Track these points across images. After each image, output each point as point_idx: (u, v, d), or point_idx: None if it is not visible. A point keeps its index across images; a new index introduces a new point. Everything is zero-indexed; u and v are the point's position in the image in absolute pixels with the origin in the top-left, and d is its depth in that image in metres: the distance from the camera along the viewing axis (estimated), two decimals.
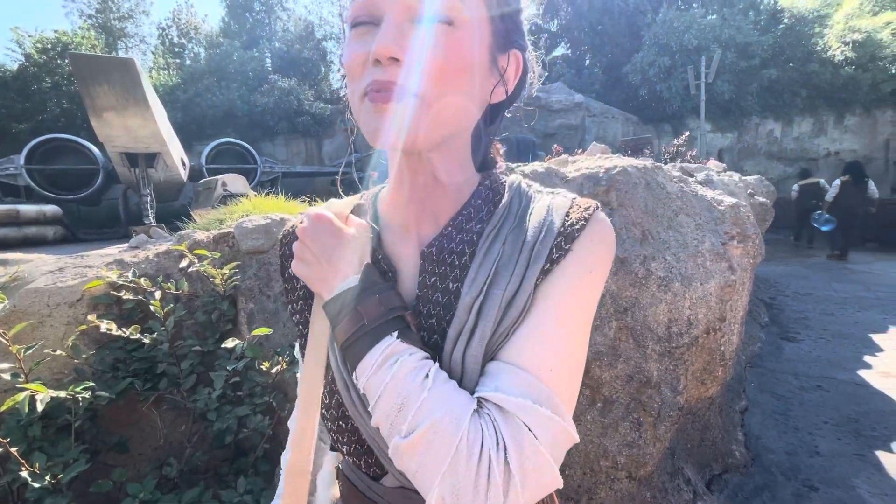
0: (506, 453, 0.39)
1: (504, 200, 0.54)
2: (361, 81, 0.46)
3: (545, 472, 0.40)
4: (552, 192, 0.56)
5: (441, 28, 0.44)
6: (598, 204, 0.53)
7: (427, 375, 0.42)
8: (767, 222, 4.41)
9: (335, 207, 0.57)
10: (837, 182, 8.13)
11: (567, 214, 0.51)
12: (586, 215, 0.50)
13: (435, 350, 0.48)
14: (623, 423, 1.73)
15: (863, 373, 3.50)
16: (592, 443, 1.71)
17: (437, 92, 0.44)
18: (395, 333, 0.45)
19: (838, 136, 12.90)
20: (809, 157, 13.02)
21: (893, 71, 11.94)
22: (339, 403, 0.53)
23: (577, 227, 0.49)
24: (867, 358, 3.77)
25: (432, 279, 0.51)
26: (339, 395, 0.52)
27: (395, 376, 0.42)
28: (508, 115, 0.61)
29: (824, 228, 8.08)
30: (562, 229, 0.49)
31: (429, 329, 0.49)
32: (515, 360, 0.44)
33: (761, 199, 4.26)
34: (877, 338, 4.19)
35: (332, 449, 0.60)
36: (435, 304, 0.50)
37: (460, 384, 0.45)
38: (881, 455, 2.48)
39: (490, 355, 0.46)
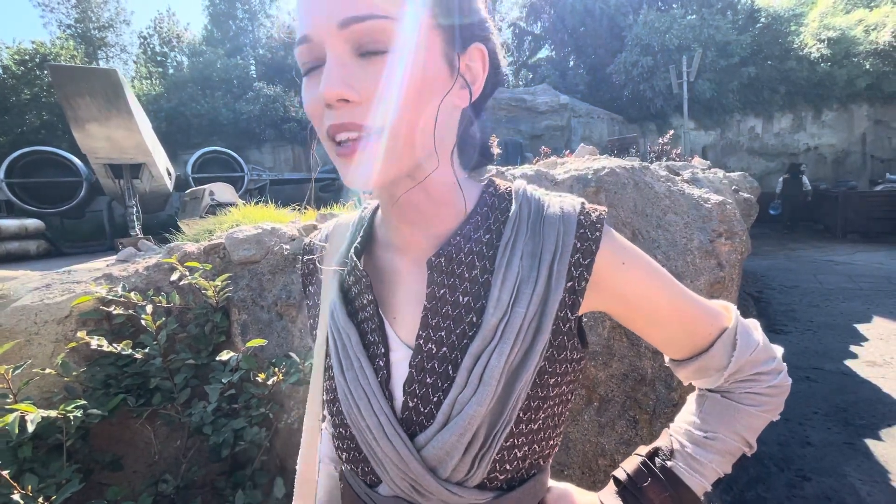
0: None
1: (513, 209, 0.52)
2: (322, 126, 0.44)
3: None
4: (559, 196, 0.55)
5: (386, 55, 0.42)
6: (605, 211, 0.53)
7: None
8: (752, 217, 4.48)
9: (342, 220, 0.64)
10: (781, 179, 11.49)
11: (580, 225, 0.51)
12: (598, 226, 0.51)
13: (443, 361, 0.49)
14: (619, 422, 1.74)
15: (849, 363, 3.58)
16: (590, 442, 1.72)
17: (404, 121, 0.43)
18: None
19: (817, 130, 13.21)
20: (790, 152, 13.31)
21: (867, 67, 12.27)
22: (339, 411, 0.54)
23: (593, 240, 0.50)
24: (853, 348, 3.86)
25: (441, 291, 0.50)
26: (340, 402, 0.53)
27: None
28: (503, 116, 0.61)
29: (773, 212, 11.36)
30: (578, 245, 0.50)
31: (437, 342, 0.49)
32: (688, 350, 0.60)
33: (745, 195, 4.33)
34: (861, 328, 4.29)
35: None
36: (445, 318, 0.50)
37: (473, 395, 0.46)
38: (870, 443, 2.54)
39: (510, 368, 0.47)
